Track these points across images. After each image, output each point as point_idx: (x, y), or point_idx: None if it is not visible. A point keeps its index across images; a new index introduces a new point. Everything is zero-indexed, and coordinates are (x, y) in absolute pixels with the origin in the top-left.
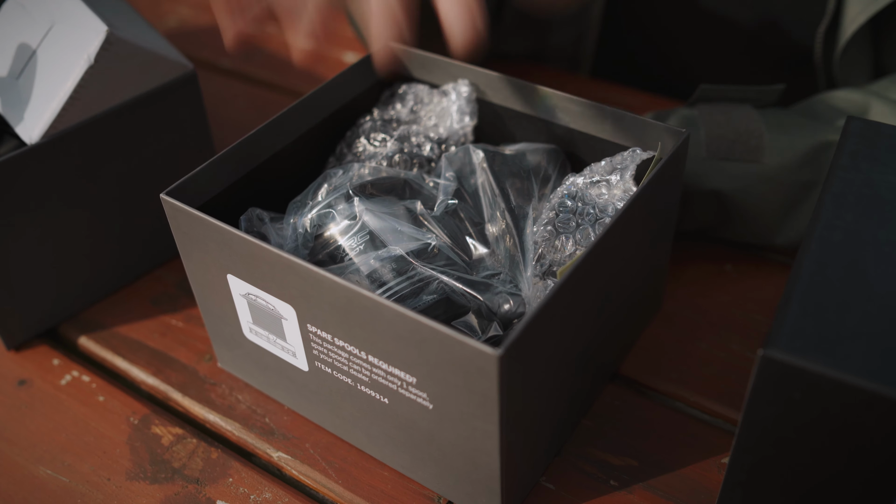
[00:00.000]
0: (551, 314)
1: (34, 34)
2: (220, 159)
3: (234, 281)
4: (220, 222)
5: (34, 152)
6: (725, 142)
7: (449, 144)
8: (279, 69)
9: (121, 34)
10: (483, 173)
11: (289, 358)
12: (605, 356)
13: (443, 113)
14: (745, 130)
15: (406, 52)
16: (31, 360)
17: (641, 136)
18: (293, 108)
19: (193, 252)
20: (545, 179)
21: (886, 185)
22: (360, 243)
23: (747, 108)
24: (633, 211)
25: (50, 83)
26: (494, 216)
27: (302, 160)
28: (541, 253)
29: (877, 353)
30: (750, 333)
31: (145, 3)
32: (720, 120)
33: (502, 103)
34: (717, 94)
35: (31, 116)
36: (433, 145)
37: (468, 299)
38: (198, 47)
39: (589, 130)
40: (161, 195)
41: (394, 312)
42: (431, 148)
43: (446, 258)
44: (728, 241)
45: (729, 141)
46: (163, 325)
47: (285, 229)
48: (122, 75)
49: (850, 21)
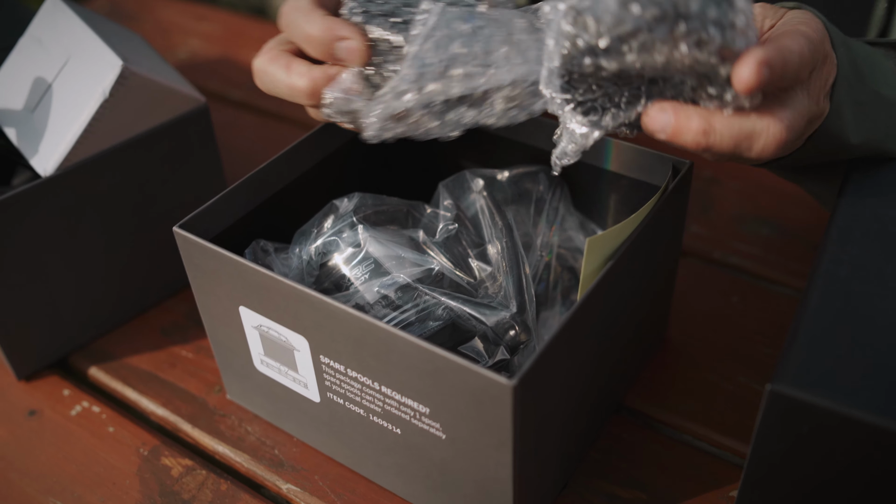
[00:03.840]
0: (563, 344)
1: (50, 68)
2: (231, 192)
3: (247, 313)
4: (233, 254)
5: (48, 185)
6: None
7: None
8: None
9: (135, 68)
10: (481, 198)
11: (300, 389)
12: (611, 385)
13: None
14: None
15: None
16: (41, 391)
17: (644, 167)
18: (303, 141)
19: (205, 284)
20: (541, 203)
21: (892, 219)
22: (366, 272)
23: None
24: (642, 239)
25: (65, 116)
26: (494, 237)
27: (311, 191)
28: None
29: (884, 388)
30: (756, 365)
31: (156, 34)
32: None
33: (501, 132)
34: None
35: (45, 149)
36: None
37: (474, 324)
38: (208, 78)
39: (591, 162)
40: (174, 228)
41: (407, 343)
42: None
43: (450, 282)
44: (735, 268)
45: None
46: (173, 355)
47: (290, 259)
48: (136, 108)
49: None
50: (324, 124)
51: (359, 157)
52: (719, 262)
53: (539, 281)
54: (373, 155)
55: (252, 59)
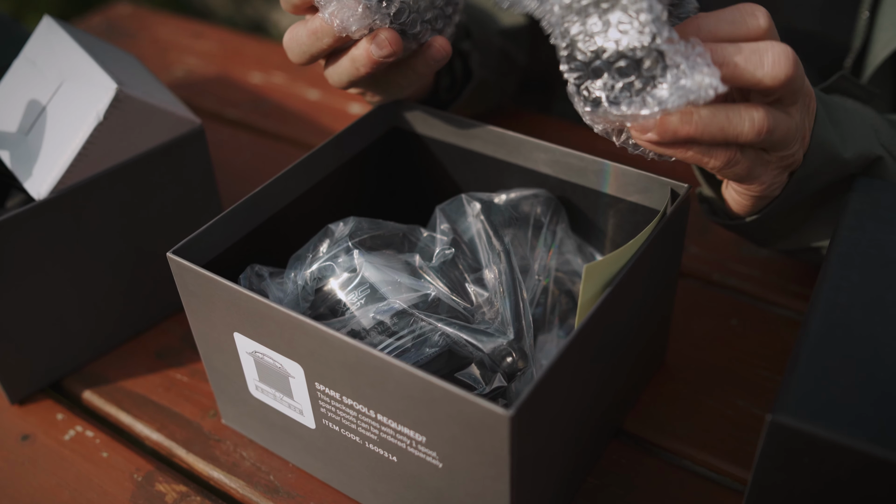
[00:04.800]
0: (560, 373)
1: (44, 90)
2: (226, 217)
3: (241, 339)
4: (228, 281)
5: (42, 208)
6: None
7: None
8: (284, 120)
9: (130, 91)
10: (478, 221)
11: (296, 416)
12: (610, 412)
13: None
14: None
15: (406, 106)
16: (34, 415)
17: (643, 191)
18: (297, 164)
19: (200, 310)
20: (539, 226)
21: (892, 245)
22: (361, 297)
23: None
24: (639, 266)
25: (59, 139)
26: (491, 262)
27: (307, 214)
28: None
29: (886, 419)
30: (756, 389)
31: (153, 52)
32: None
33: (502, 157)
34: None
35: (39, 172)
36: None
37: (470, 350)
38: (204, 97)
39: (589, 184)
40: (167, 254)
41: (403, 372)
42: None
43: (447, 308)
44: (734, 290)
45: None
46: (167, 379)
47: (286, 284)
48: (130, 131)
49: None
50: (318, 147)
51: (355, 179)
52: (718, 283)
53: (536, 305)
54: (369, 177)
55: (250, 77)
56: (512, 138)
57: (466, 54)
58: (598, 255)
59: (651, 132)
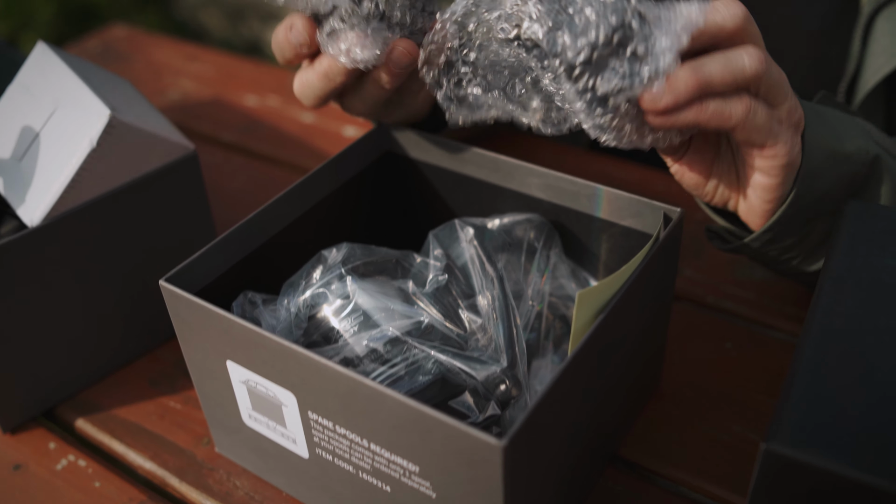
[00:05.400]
0: (553, 401)
1: (38, 117)
2: (219, 244)
3: (234, 367)
4: (220, 309)
5: (35, 235)
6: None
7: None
8: (279, 143)
9: (123, 117)
10: (471, 247)
11: (289, 445)
12: (605, 438)
13: None
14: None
15: (399, 131)
16: (26, 444)
17: (636, 215)
18: (292, 189)
19: (192, 338)
20: (532, 251)
21: (886, 270)
22: (355, 324)
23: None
24: (632, 292)
25: (52, 166)
26: (484, 288)
27: (301, 240)
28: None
29: (881, 447)
30: (751, 413)
31: (148, 75)
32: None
33: (496, 182)
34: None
35: (32, 199)
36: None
37: (464, 378)
38: (199, 120)
39: (583, 209)
40: (160, 282)
41: (396, 401)
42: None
43: (440, 334)
44: (729, 313)
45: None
46: (161, 406)
47: (279, 311)
48: (123, 157)
49: (871, 74)
50: (312, 173)
51: (349, 204)
52: (713, 306)
53: (530, 330)
54: (363, 202)
55: (244, 100)
56: (505, 163)
57: None
58: (591, 279)
59: (665, 97)
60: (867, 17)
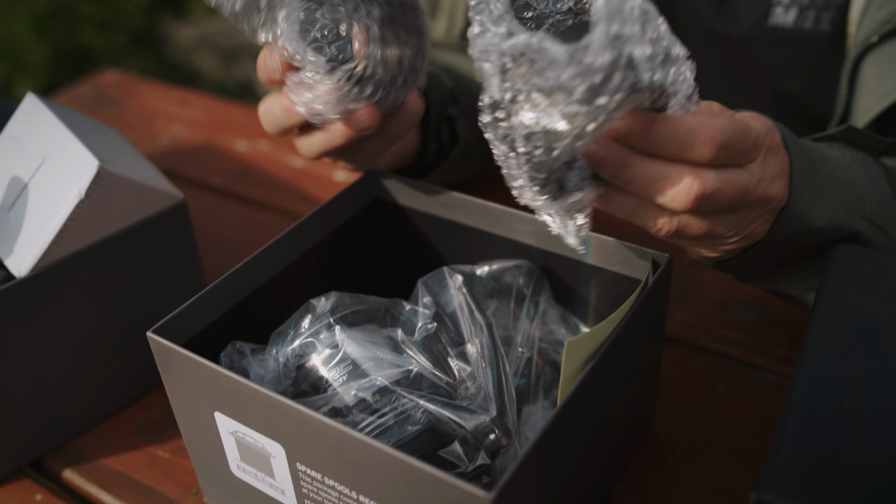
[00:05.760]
0: (543, 451)
1: (27, 167)
2: (207, 294)
3: (222, 419)
4: (208, 361)
5: (22, 286)
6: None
7: None
8: (269, 188)
9: (112, 168)
10: (460, 294)
11: (277, 496)
12: (596, 484)
13: None
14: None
15: (388, 178)
16: (13, 496)
17: (624, 261)
18: (280, 238)
19: (180, 389)
20: (521, 297)
21: (873, 314)
22: (343, 373)
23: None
24: (621, 339)
25: (41, 216)
26: (473, 336)
27: (290, 288)
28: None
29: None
30: (744, 457)
31: (139, 120)
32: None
33: (484, 228)
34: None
35: (20, 249)
36: None
37: (453, 427)
38: (190, 165)
39: (571, 255)
40: (147, 333)
41: (384, 454)
42: None
43: (429, 383)
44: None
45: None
46: (149, 456)
47: (267, 361)
48: (112, 208)
49: (861, 115)
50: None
51: (338, 252)
52: (704, 348)
53: (520, 376)
54: (352, 250)
55: (235, 145)
56: (493, 209)
57: (453, 119)
58: (581, 324)
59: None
60: (853, 60)
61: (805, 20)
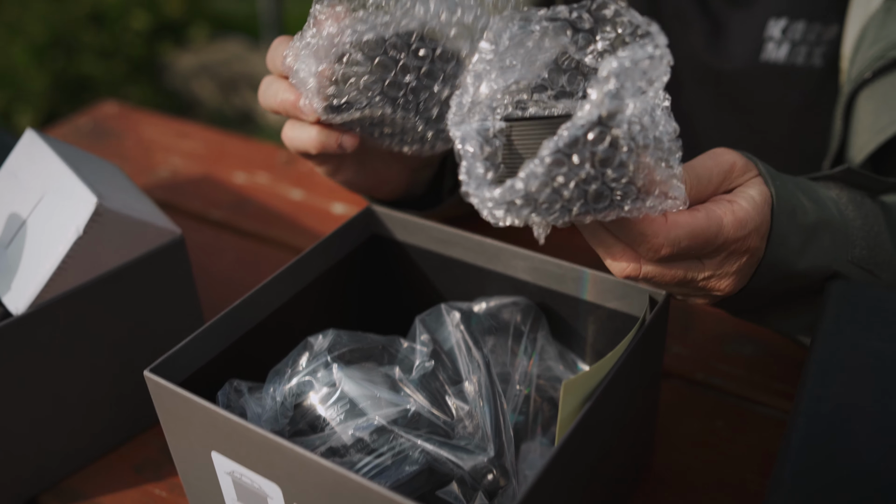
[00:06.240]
0: (540, 493)
1: (25, 204)
2: (204, 332)
3: (219, 458)
4: (205, 401)
5: (20, 323)
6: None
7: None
8: (267, 221)
9: (109, 204)
10: (457, 332)
11: None
12: None
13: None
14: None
15: (386, 214)
16: None
17: (621, 298)
18: (278, 275)
19: (177, 428)
20: (519, 334)
21: (871, 352)
22: (341, 413)
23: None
24: (619, 378)
25: (39, 253)
26: (471, 374)
27: (287, 324)
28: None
29: None
30: (743, 494)
31: (138, 152)
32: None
33: (482, 265)
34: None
35: (18, 286)
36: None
37: (451, 467)
38: (189, 198)
39: (568, 291)
40: (144, 372)
41: (382, 496)
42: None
43: (427, 422)
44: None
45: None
46: (146, 495)
47: (265, 399)
48: (110, 244)
49: (856, 151)
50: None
51: (336, 288)
52: (702, 383)
53: (518, 413)
54: (350, 286)
55: (233, 177)
56: (490, 246)
57: None
58: (579, 361)
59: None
60: (847, 96)
61: (797, 56)
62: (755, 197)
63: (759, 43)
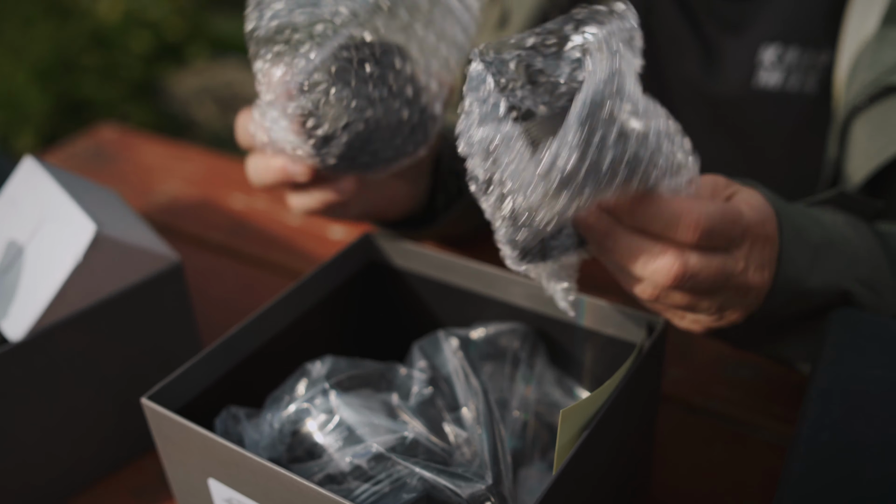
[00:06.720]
0: None
1: (23, 231)
2: (202, 360)
3: (216, 485)
4: (202, 429)
5: (18, 350)
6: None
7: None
8: (265, 245)
9: (108, 231)
10: (455, 358)
11: None
12: None
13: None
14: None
15: (383, 241)
16: None
17: (619, 324)
18: (276, 302)
19: (175, 455)
20: (517, 360)
21: (872, 380)
22: (338, 440)
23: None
24: (617, 406)
25: (37, 280)
26: (469, 400)
27: (285, 351)
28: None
29: None
30: None
31: (137, 176)
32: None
33: (479, 291)
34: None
35: (16, 313)
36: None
37: (448, 495)
38: (187, 221)
39: (566, 319)
40: (142, 399)
41: None
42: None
43: (425, 449)
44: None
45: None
46: None
47: (262, 426)
48: (108, 271)
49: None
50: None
51: (334, 315)
52: (701, 407)
53: (517, 438)
54: (348, 312)
55: (232, 201)
56: (488, 272)
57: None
58: (577, 387)
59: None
60: (842, 122)
61: (790, 82)
62: (755, 193)
63: (751, 68)
